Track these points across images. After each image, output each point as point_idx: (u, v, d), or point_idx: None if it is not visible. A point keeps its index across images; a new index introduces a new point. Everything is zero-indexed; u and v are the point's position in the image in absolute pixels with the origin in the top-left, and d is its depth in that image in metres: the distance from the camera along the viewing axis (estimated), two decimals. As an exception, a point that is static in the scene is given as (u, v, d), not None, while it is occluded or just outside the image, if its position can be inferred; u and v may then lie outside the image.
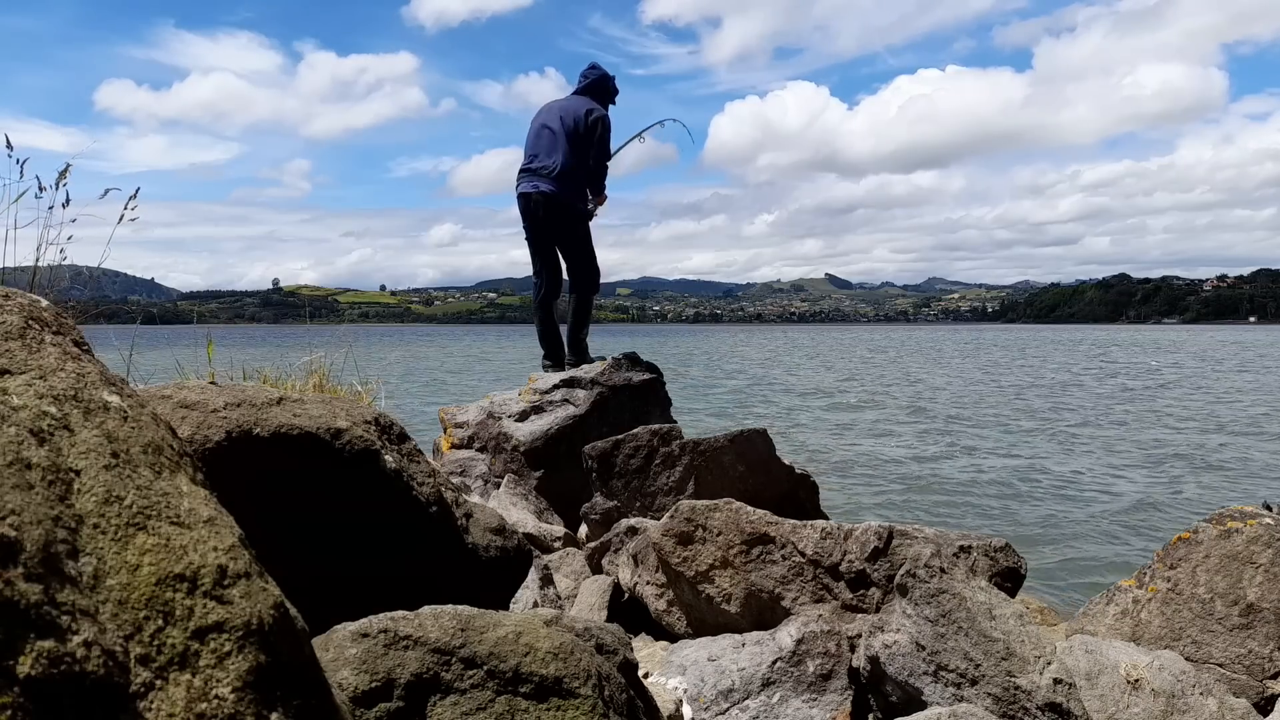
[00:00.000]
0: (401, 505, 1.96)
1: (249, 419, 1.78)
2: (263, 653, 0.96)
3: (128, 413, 1.11)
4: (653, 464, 4.33)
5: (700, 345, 63.30)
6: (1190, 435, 13.08)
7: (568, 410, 5.35)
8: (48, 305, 1.25)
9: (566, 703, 1.48)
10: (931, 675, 2.32)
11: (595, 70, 6.09)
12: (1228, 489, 8.89)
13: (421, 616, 1.49)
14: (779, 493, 4.41)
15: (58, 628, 0.80)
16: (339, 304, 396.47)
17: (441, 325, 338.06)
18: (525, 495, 4.85)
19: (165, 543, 0.96)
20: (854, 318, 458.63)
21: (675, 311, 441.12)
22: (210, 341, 2.57)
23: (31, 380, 1.05)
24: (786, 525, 3.06)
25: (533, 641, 1.51)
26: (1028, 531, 7.06)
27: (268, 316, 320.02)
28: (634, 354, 5.85)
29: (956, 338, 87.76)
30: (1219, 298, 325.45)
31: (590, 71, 6.10)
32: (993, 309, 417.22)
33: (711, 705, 2.51)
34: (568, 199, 5.77)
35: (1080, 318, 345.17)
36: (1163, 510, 7.93)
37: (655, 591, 3.25)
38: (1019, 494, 8.69)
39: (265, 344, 6.95)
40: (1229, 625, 2.71)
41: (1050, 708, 2.21)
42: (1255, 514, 2.89)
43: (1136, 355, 43.91)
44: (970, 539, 3.11)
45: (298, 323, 6.72)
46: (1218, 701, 2.35)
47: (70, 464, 0.96)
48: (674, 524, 3.11)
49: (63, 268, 2.44)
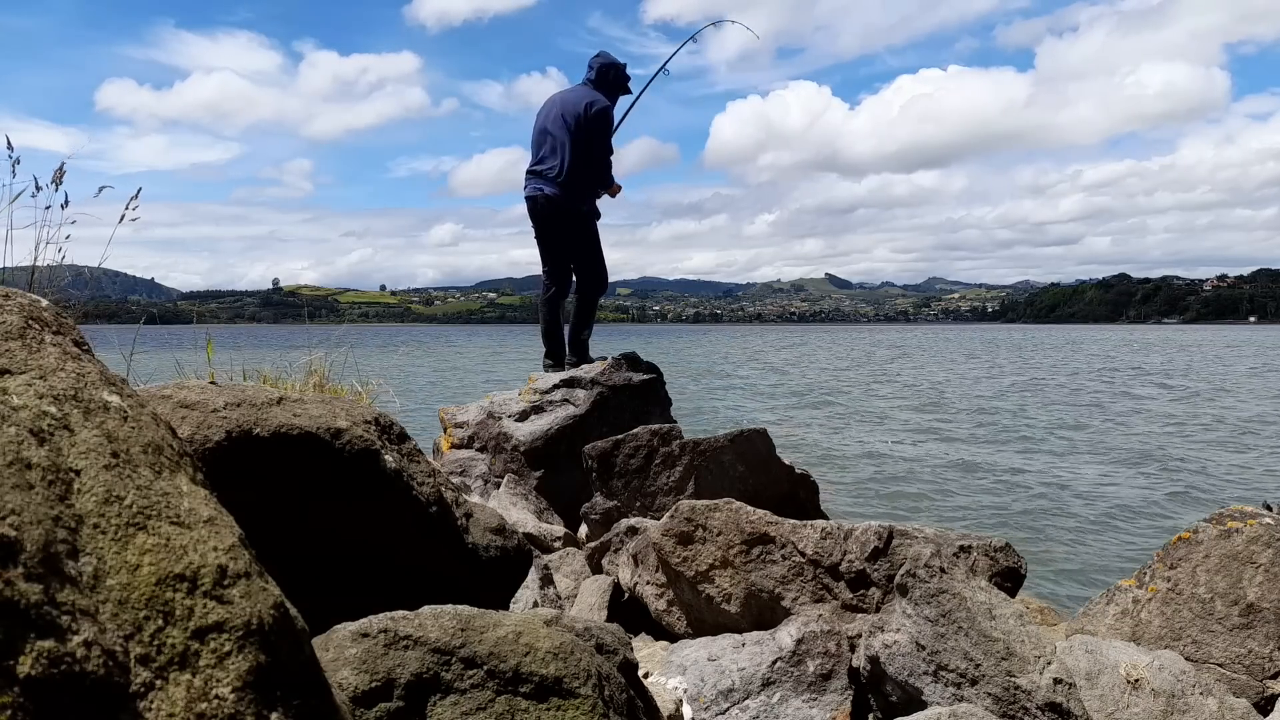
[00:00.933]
0: (401, 505, 1.96)
1: (249, 419, 1.78)
2: (263, 653, 0.96)
3: (128, 413, 1.11)
4: (653, 464, 4.33)
5: (701, 346, 63.23)
6: (1190, 435, 13.08)
7: (568, 410, 5.34)
8: (48, 305, 1.25)
9: (566, 703, 1.48)
10: (931, 675, 2.32)
11: (599, 59, 5.90)
12: (1228, 489, 8.88)
13: (421, 616, 1.49)
14: (779, 493, 4.41)
15: (58, 628, 0.80)
16: (339, 304, 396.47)
17: (442, 325, 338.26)
18: (525, 495, 4.85)
19: (165, 543, 0.96)
20: (854, 317, 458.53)
21: (675, 311, 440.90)
22: (210, 341, 2.56)
23: (31, 380, 1.05)
24: (786, 525, 3.05)
25: (533, 641, 1.51)
26: (1028, 531, 7.06)
27: (268, 316, 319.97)
28: (634, 354, 5.85)
29: (958, 338, 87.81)
30: (1219, 298, 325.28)
31: (595, 60, 5.91)
32: (993, 309, 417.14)
33: (711, 705, 2.51)
34: (571, 203, 5.72)
35: (1080, 318, 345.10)
36: (1163, 510, 7.93)
37: (655, 591, 3.25)
38: (1019, 494, 8.69)
39: (265, 344, 6.95)
40: (1229, 625, 2.71)
41: (1050, 708, 2.21)
42: (1255, 514, 2.89)
43: (1136, 355, 43.89)
44: (970, 539, 3.10)
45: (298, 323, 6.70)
46: (1218, 701, 2.35)
47: (70, 464, 0.96)
48: (674, 524, 3.11)
49: (63, 268, 2.44)
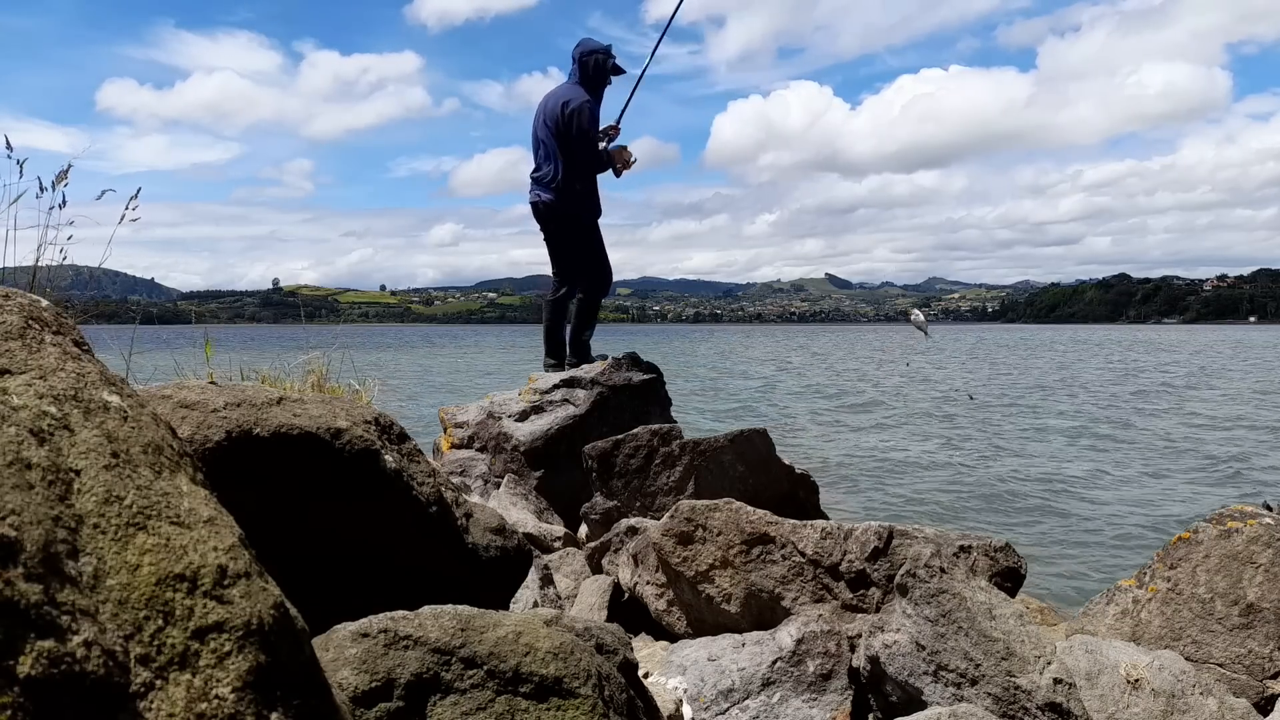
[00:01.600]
0: (401, 505, 1.96)
1: (249, 419, 1.78)
2: (263, 653, 0.96)
3: (128, 413, 1.11)
4: (653, 464, 4.33)
5: (702, 346, 63.24)
6: (1191, 435, 13.08)
7: (568, 410, 5.34)
8: (48, 305, 1.25)
9: (566, 703, 1.48)
10: (931, 675, 2.32)
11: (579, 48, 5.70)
12: (1228, 489, 8.89)
13: (421, 616, 1.49)
14: (779, 493, 4.41)
15: (58, 628, 0.80)
16: (339, 304, 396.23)
17: (442, 325, 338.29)
18: (525, 495, 4.85)
19: (165, 543, 0.96)
20: (854, 317, 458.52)
21: (675, 311, 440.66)
22: (208, 342, 2.56)
23: (31, 380, 1.05)
24: (786, 525, 3.05)
25: (533, 641, 1.51)
26: (1027, 531, 7.07)
27: (268, 316, 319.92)
28: (634, 354, 5.85)
29: (961, 337, 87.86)
30: (1219, 298, 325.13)
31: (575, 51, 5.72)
32: (993, 309, 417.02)
33: (711, 705, 2.51)
34: (567, 208, 5.73)
35: (1080, 318, 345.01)
36: (1163, 510, 7.93)
37: (655, 591, 3.25)
38: (1019, 494, 8.69)
39: (265, 344, 6.95)
40: (1229, 625, 2.71)
41: (1050, 707, 2.21)
42: (1255, 514, 2.89)
43: (1136, 355, 43.90)
44: (970, 539, 3.10)
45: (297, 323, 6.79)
46: (1218, 701, 2.35)
47: (70, 464, 0.96)
48: (674, 524, 3.11)
49: (63, 268, 2.44)
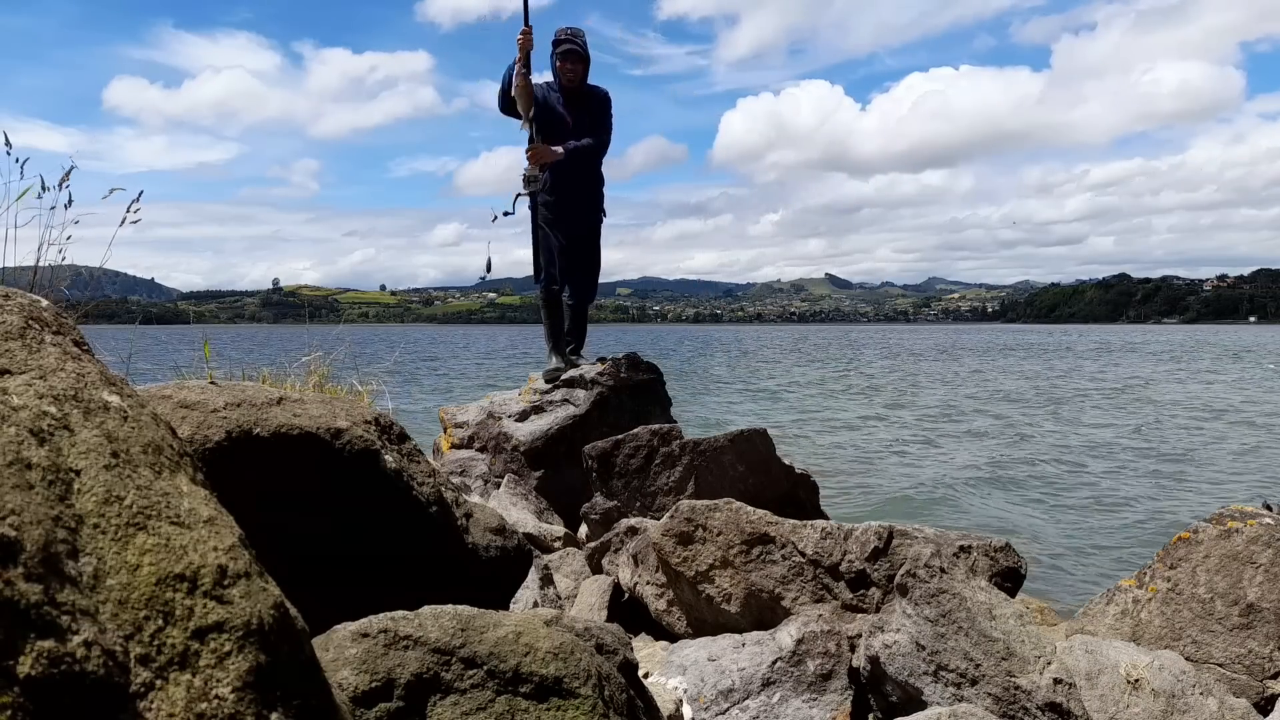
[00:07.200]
0: (401, 505, 1.96)
1: (249, 419, 1.78)
2: (263, 653, 0.96)
3: (128, 413, 1.11)
4: (653, 464, 4.33)
5: (702, 347, 63.24)
6: (1191, 435, 13.08)
7: (568, 410, 5.35)
8: (48, 305, 1.25)
9: (566, 703, 1.48)
10: (931, 675, 2.32)
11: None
12: (1228, 489, 8.89)
13: (421, 616, 1.49)
14: (779, 493, 4.41)
15: (58, 628, 0.80)
16: (339, 304, 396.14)
17: (442, 325, 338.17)
18: (525, 495, 4.85)
19: (165, 543, 0.96)
20: (854, 317, 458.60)
21: (675, 311, 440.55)
22: (206, 342, 2.56)
23: (31, 380, 1.05)
24: (786, 525, 3.05)
25: (533, 641, 1.51)
26: (1027, 531, 7.06)
27: (268, 317, 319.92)
28: (634, 354, 5.85)
29: (965, 339, 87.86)
30: (1219, 298, 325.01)
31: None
32: (993, 309, 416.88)
33: (711, 705, 2.51)
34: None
35: (1080, 318, 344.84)
36: (1163, 510, 7.93)
37: (655, 591, 3.25)
38: (1019, 494, 8.69)
39: (264, 344, 6.96)
40: (1229, 625, 2.71)
41: (1050, 708, 2.21)
42: (1255, 514, 2.89)
43: (1136, 355, 43.92)
44: (970, 539, 3.10)
45: (297, 323, 6.69)
46: (1218, 701, 2.35)
47: (70, 464, 0.96)
48: (674, 524, 3.11)
49: (63, 268, 2.44)
